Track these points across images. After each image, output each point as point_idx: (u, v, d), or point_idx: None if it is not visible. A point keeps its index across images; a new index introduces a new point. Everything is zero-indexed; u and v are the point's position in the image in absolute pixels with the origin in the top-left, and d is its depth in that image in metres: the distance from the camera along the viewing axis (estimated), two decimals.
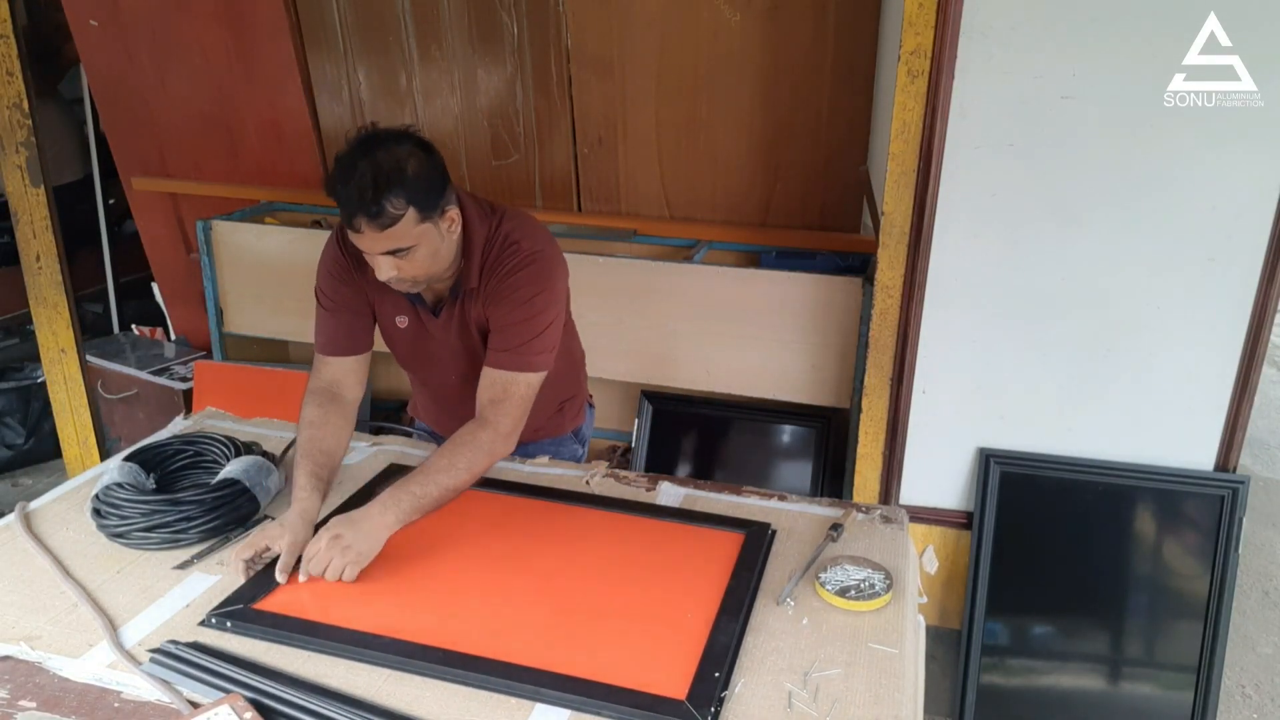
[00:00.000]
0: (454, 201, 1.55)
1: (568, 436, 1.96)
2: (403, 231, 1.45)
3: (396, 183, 1.42)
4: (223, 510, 1.50)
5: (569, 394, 1.94)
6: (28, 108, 2.39)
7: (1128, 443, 2.16)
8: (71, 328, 2.61)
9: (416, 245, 1.48)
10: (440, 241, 1.52)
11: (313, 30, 3.11)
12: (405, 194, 1.43)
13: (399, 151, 1.46)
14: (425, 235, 1.48)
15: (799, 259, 2.75)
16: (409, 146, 1.48)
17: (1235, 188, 1.93)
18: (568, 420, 1.95)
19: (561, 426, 1.94)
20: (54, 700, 1.14)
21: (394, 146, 1.47)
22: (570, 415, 1.96)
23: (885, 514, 1.61)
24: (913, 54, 1.97)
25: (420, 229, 1.47)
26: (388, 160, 1.44)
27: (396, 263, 1.50)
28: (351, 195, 1.44)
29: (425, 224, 1.48)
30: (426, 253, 1.51)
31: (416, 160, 1.46)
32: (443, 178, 1.51)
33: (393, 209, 1.43)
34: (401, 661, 1.20)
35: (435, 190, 1.48)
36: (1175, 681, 2.19)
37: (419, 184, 1.45)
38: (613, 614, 1.33)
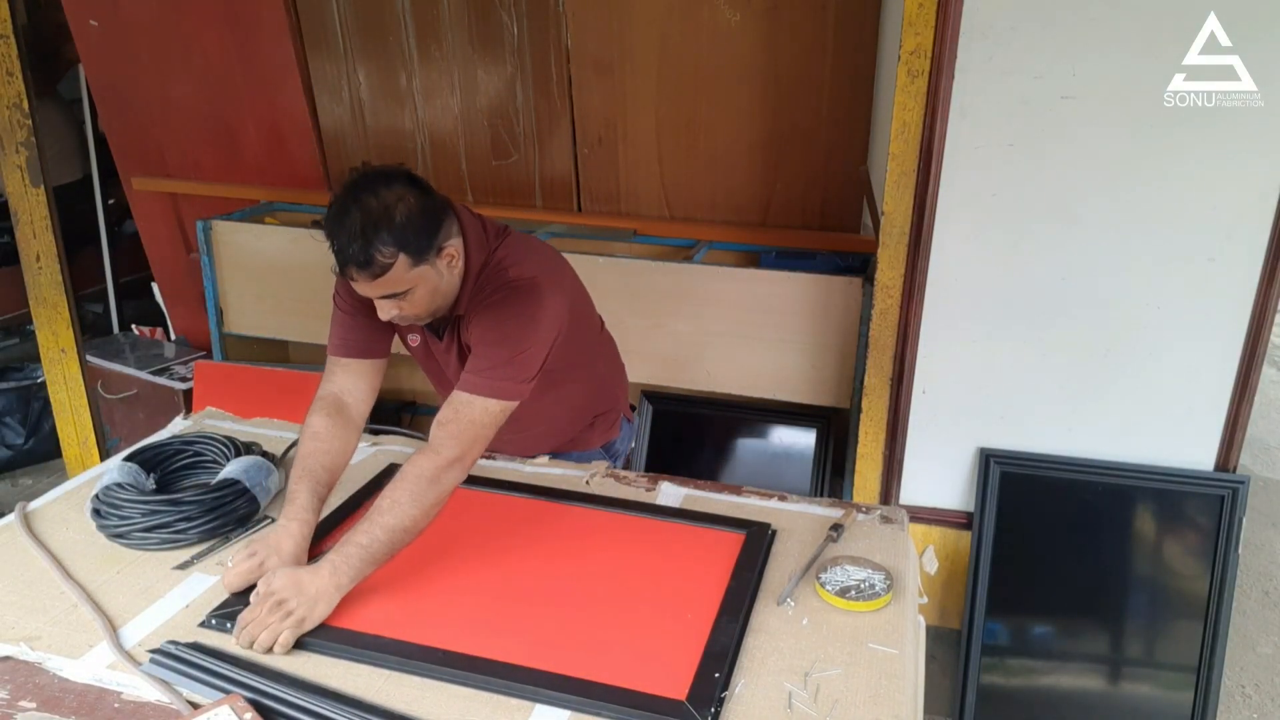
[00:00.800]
0: (454, 235, 1.51)
1: (596, 451, 1.94)
2: (395, 278, 1.43)
3: (384, 230, 1.39)
4: (223, 510, 1.50)
5: (603, 408, 1.92)
6: (28, 108, 2.39)
7: (1128, 443, 2.16)
8: (71, 328, 2.61)
9: (413, 288, 1.46)
10: (440, 279, 1.50)
11: (313, 30, 3.10)
12: (394, 242, 1.39)
13: (388, 196, 1.41)
14: (421, 277, 1.46)
15: (799, 259, 2.75)
16: (399, 188, 1.43)
17: (1235, 188, 1.93)
18: (597, 434, 1.93)
19: (590, 440, 1.92)
20: (54, 700, 1.14)
21: (383, 190, 1.42)
22: (601, 430, 1.93)
23: (885, 514, 1.61)
24: (913, 54, 1.97)
25: (415, 273, 1.45)
26: (376, 207, 1.40)
27: (397, 304, 1.48)
28: (342, 245, 1.40)
29: (420, 267, 1.45)
30: (425, 292, 1.49)
31: (406, 204, 1.42)
32: (436, 218, 1.46)
33: (382, 258, 1.39)
34: (401, 662, 1.20)
35: (428, 233, 1.44)
36: (1175, 681, 2.19)
37: (408, 230, 1.41)
38: (613, 614, 1.33)
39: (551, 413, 1.81)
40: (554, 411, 1.82)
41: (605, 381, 1.94)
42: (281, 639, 1.21)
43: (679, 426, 2.96)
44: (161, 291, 3.83)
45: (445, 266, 1.50)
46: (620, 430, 1.98)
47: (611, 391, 1.95)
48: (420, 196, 1.45)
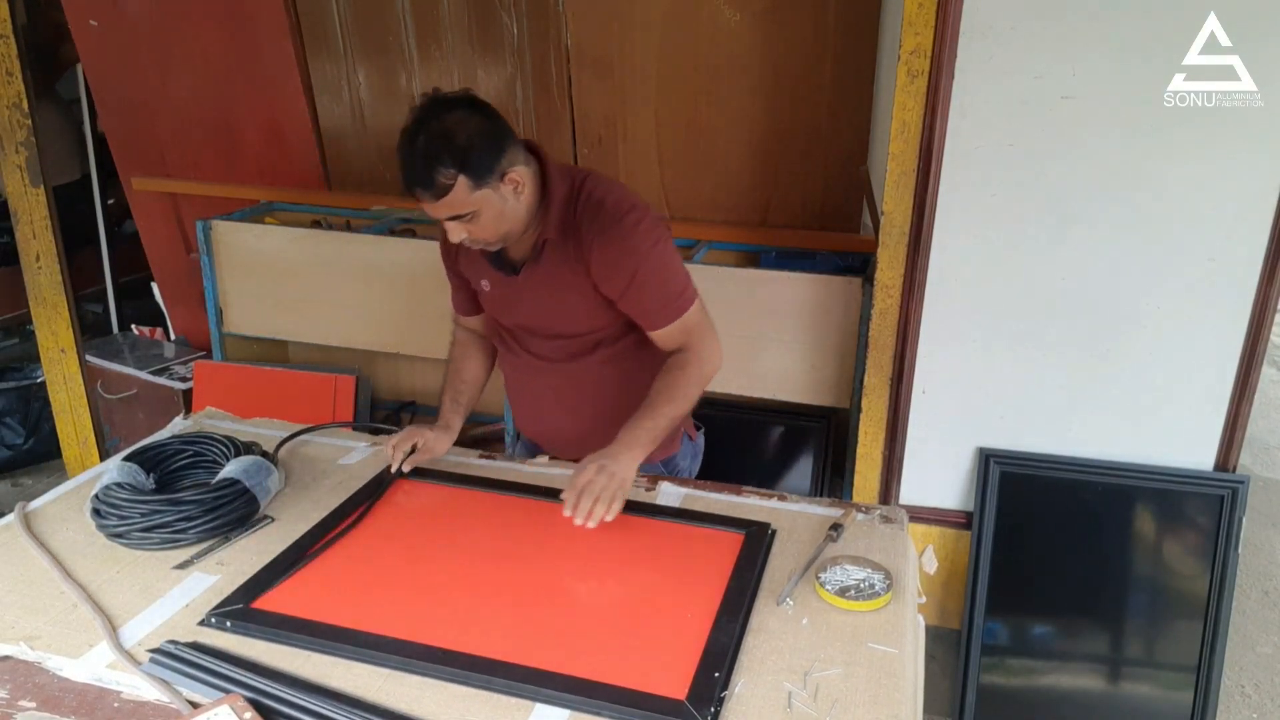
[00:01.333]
0: (520, 163, 1.55)
1: (656, 467, 1.84)
2: (458, 200, 1.48)
3: (445, 153, 1.45)
4: (223, 510, 1.50)
5: None
6: (27, 108, 2.39)
7: (1128, 443, 2.16)
8: (71, 328, 2.61)
9: (478, 211, 1.51)
10: (504, 204, 1.54)
11: (313, 30, 3.11)
12: (455, 164, 1.45)
13: (450, 120, 1.47)
14: (485, 201, 1.51)
15: (799, 259, 2.75)
16: (462, 113, 1.49)
17: (1235, 188, 1.93)
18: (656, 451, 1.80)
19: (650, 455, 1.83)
20: (54, 700, 1.14)
21: (446, 115, 1.48)
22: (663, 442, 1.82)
23: (885, 514, 1.61)
24: (913, 54, 1.97)
25: (477, 195, 1.49)
26: (438, 130, 1.46)
27: (464, 227, 1.54)
28: (406, 168, 1.48)
29: (482, 190, 1.49)
30: (491, 216, 1.53)
31: (468, 127, 1.47)
32: (498, 143, 1.51)
33: (443, 180, 1.46)
34: (401, 661, 1.20)
35: (490, 155, 1.49)
36: (1175, 681, 2.19)
37: (470, 152, 1.46)
38: (613, 614, 1.33)
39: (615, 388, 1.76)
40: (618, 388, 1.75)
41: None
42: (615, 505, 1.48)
43: None
44: (161, 291, 3.83)
45: (510, 192, 1.54)
46: (680, 445, 1.89)
47: None
48: (483, 121, 1.50)
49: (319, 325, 3.07)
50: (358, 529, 1.53)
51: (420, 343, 2.95)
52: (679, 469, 1.90)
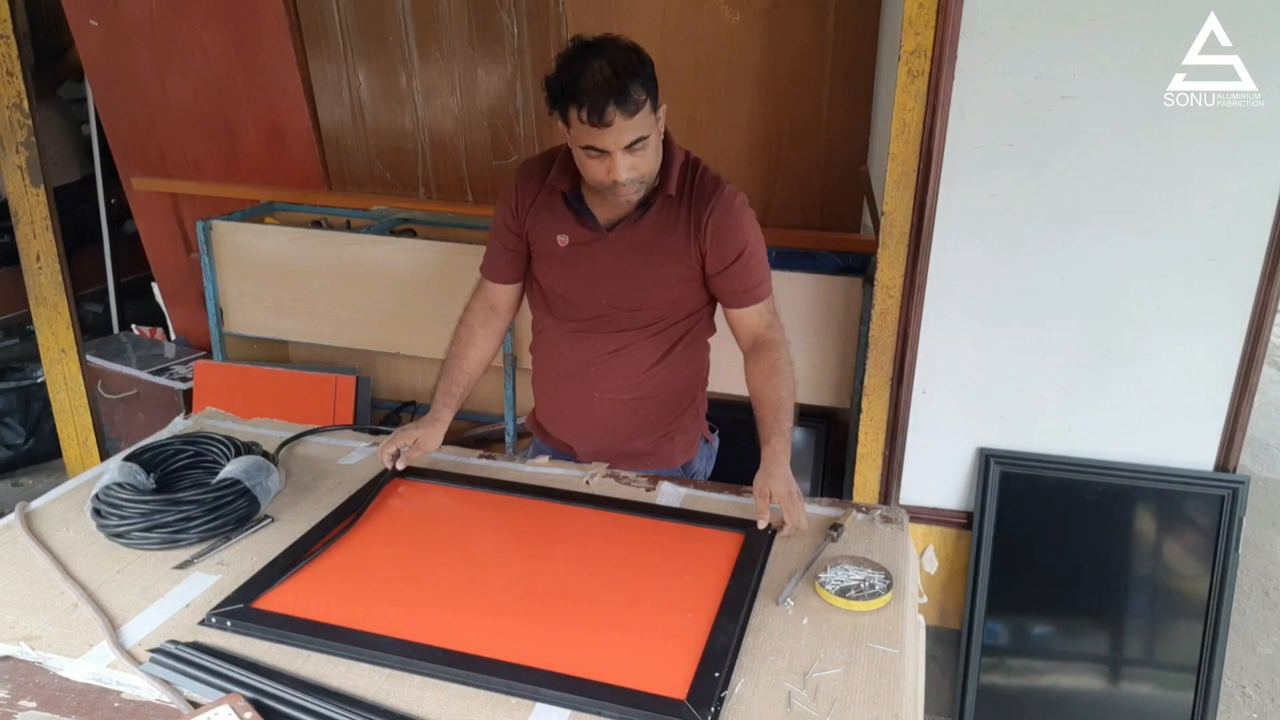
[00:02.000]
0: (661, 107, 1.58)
1: (675, 471, 1.84)
2: (643, 120, 1.50)
3: (637, 71, 1.48)
4: (223, 510, 1.50)
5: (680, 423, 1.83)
6: (28, 108, 2.39)
7: (1128, 443, 2.16)
8: (71, 328, 2.61)
9: (649, 137, 1.53)
10: (658, 138, 1.57)
11: (313, 30, 3.11)
12: (643, 83, 1.48)
13: (622, 45, 1.50)
14: (655, 127, 1.54)
15: (799, 259, 2.74)
16: (626, 44, 1.52)
17: (1235, 188, 1.93)
18: (678, 451, 1.84)
19: (671, 457, 1.83)
20: (54, 700, 1.14)
21: (621, 45, 1.51)
22: (682, 445, 1.84)
23: (885, 514, 1.60)
24: (913, 54, 1.97)
25: (652, 120, 1.52)
26: (621, 55, 1.48)
27: (633, 159, 1.53)
28: (599, 87, 1.45)
29: (654, 115, 1.53)
30: (654, 145, 1.56)
31: (639, 54, 1.51)
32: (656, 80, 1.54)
33: (637, 95, 1.47)
34: (402, 661, 1.20)
35: (655, 87, 1.53)
36: (1175, 681, 2.19)
37: (652, 79, 1.51)
38: (613, 614, 1.33)
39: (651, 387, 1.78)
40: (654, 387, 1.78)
41: (700, 383, 1.88)
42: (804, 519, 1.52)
43: None
44: (161, 291, 3.83)
45: (660, 128, 1.57)
46: (698, 449, 1.89)
47: (697, 405, 1.88)
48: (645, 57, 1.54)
49: (319, 325, 3.07)
50: (358, 529, 1.53)
51: (420, 343, 2.95)
52: (696, 473, 1.90)
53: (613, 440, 1.81)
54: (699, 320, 1.79)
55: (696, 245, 1.66)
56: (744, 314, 1.72)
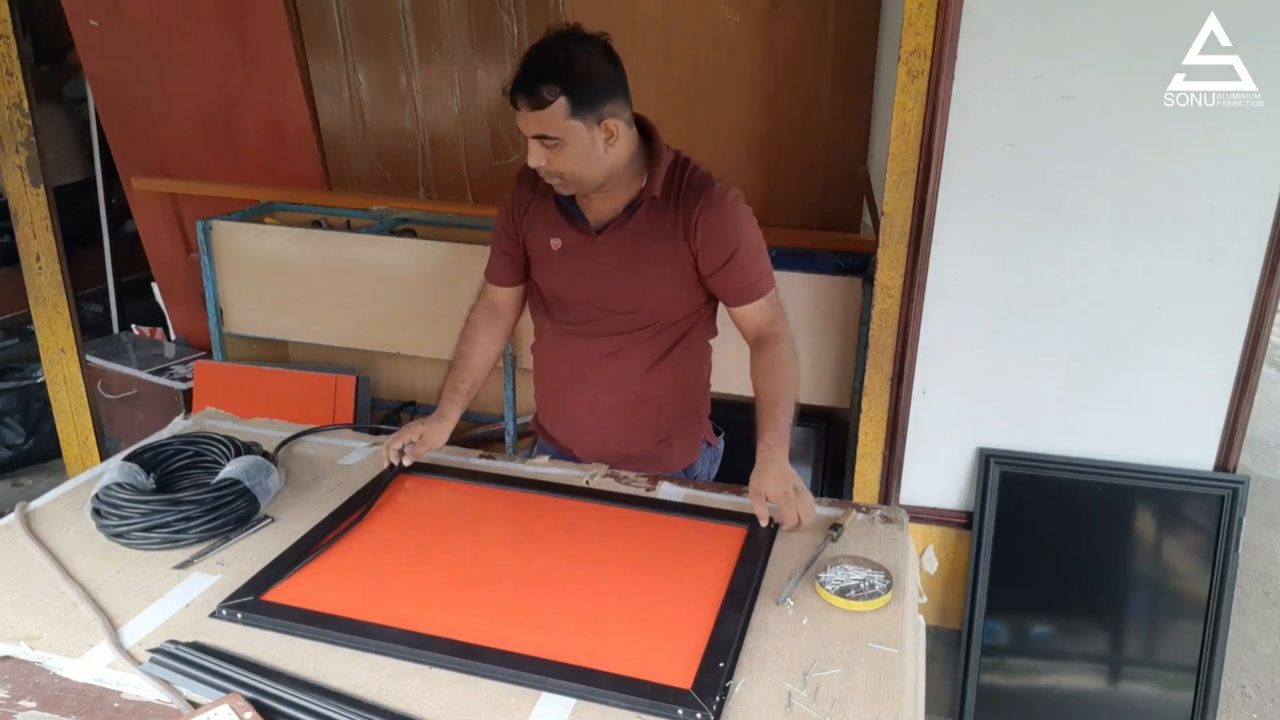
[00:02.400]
0: (621, 118, 1.57)
1: (676, 474, 1.80)
2: (551, 120, 1.51)
3: (559, 72, 1.49)
4: (223, 510, 1.50)
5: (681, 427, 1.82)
6: (28, 108, 2.39)
7: (1128, 443, 2.16)
8: (71, 328, 2.61)
9: (564, 140, 1.53)
10: (591, 148, 1.55)
11: (313, 30, 3.11)
12: (562, 85, 1.49)
13: (575, 48, 1.52)
14: (575, 133, 1.53)
15: (799, 259, 2.74)
16: (589, 48, 1.53)
17: (1235, 188, 1.93)
18: (679, 455, 1.83)
19: (671, 461, 1.82)
20: (54, 700, 1.14)
21: (574, 44, 1.53)
22: (683, 449, 1.83)
23: (885, 514, 1.60)
24: (913, 54, 1.97)
25: (570, 124, 1.51)
26: (561, 52, 1.51)
27: (546, 151, 1.55)
28: (521, 70, 1.52)
29: (576, 121, 1.52)
30: (575, 152, 1.54)
31: (589, 62, 1.52)
32: (609, 88, 1.54)
33: (546, 94, 1.49)
34: (408, 652, 1.20)
35: (597, 94, 1.52)
36: (1175, 681, 2.19)
37: (581, 81, 1.50)
38: (617, 604, 1.34)
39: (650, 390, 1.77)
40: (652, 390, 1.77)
41: (702, 386, 1.86)
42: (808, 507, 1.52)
43: None
44: (161, 291, 3.83)
45: (602, 139, 1.56)
46: (700, 453, 1.87)
47: (698, 408, 1.86)
48: (606, 64, 1.55)
49: (319, 325, 3.07)
50: (365, 523, 1.54)
51: (420, 343, 2.95)
52: (698, 476, 1.88)
53: (612, 444, 1.81)
54: (696, 323, 1.77)
55: (688, 246, 1.65)
56: (745, 311, 1.71)
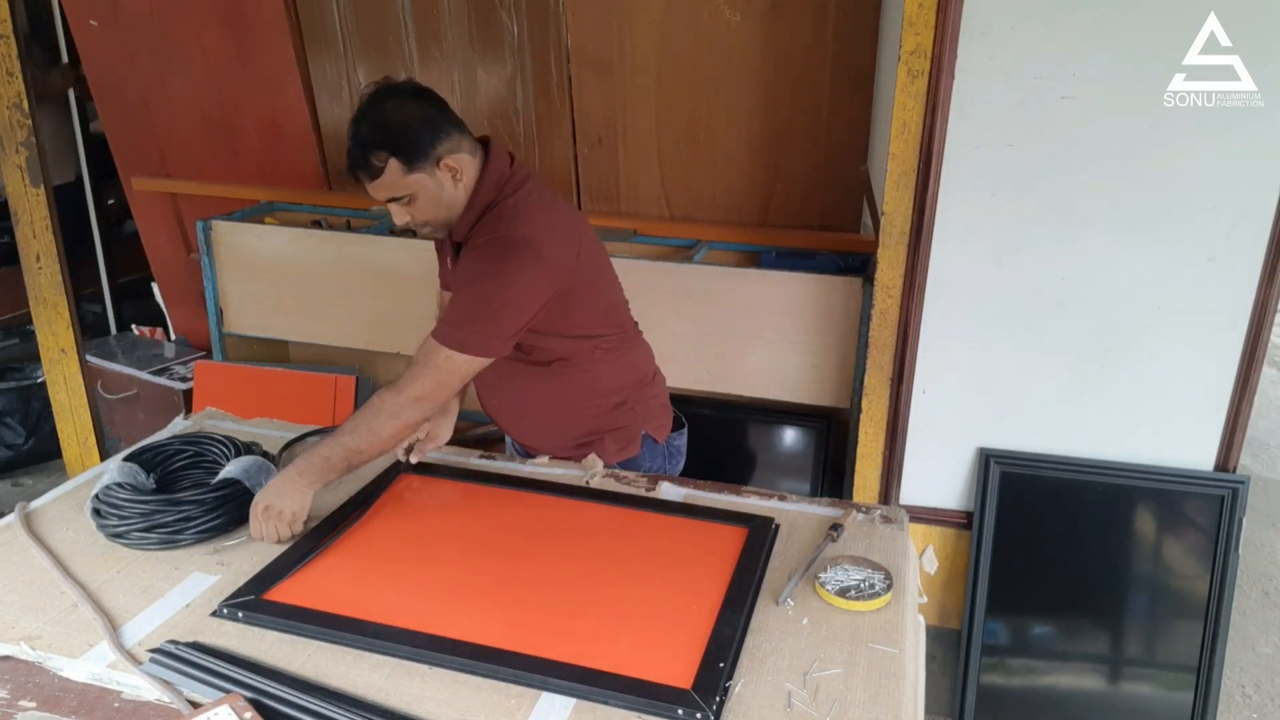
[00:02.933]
0: (461, 152, 1.59)
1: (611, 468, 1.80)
2: (391, 182, 1.54)
3: (379, 137, 1.52)
4: (223, 510, 1.50)
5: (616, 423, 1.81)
6: (28, 108, 2.39)
7: (1128, 443, 2.16)
8: (71, 328, 2.61)
9: (414, 194, 1.57)
10: (440, 190, 1.58)
11: (313, 30, 3.10)
12: (387, 147, 1.52)
13: (388, 105, 1.54)
14: (420, 185, 1.56)
15: (799, 259, 2.74)
16: (401, 100, 1.55)
17: (1235, 188, 1.93)
18: (610, 450, 1.81)
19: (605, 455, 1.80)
20: (54, 700, 1.14)
21: (385, 101, 1.54)
22: (615, 445, 1.81)
23: (885, 514, 1.61)
24: (913, 54, 1.97)
25: (411, 179, 1.55)
26: (375, 116, 1.53)
27: (404, 209, 1.59)
28: (349, 154, 1.55)
29: (416, 174, 1.55)
30: (428, 200, 1.58)
31: (405, 113, 1.53)
32: (434, 130, 1.55)
33: (376, 162, 1.52)
34: (409, 651, 1.21)
35: (423, 141, 1.54)
36: (1175, 681, 2.19)
37: (402, 137, 1.52)
38: (617, 605, 1.34)
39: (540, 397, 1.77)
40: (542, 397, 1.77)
41: (613, 388, 1.81)
42: (293, 530, 1.49)
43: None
44: (161, 291, 3.83)
45: (449, 179, 1.58)
46: (640, 449, 1.85)
47: (625, 403, 1.82)
48: (421, 107, 1.56)
49: (319, 325, 3.06)
50: (366, 523, 1.55)
51: (419, 343, 2.95)
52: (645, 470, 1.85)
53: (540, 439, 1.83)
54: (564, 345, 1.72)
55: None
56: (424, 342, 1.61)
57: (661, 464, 1.91)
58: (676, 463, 1.95)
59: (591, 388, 1.79)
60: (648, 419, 1.86)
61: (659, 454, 1.90)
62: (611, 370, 1.80)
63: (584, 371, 1.77)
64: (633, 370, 1.86)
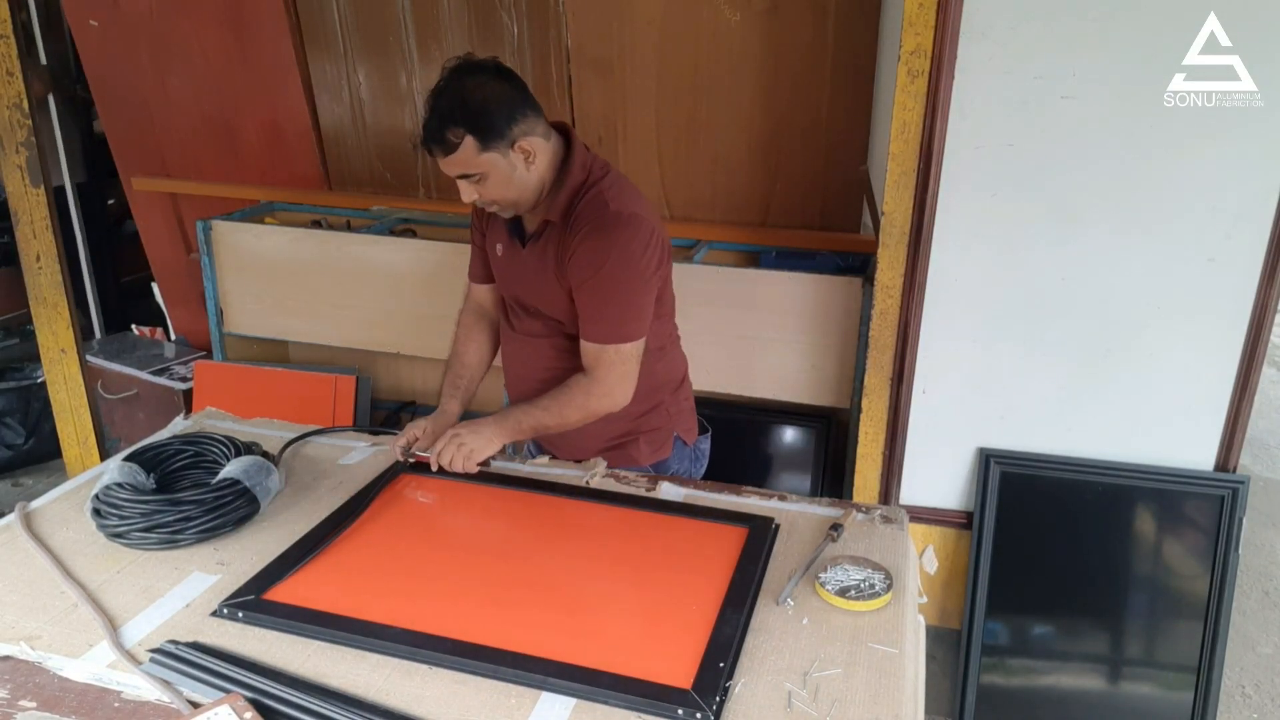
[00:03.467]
0: (537, 134, 1.59)
1: (645, 469, 1.82)
2: (465, 159, 1.54)
3: (458, 113, 1.52)
4: (223, 510, 1.50)
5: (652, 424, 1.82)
6: (28, 108, 2.39)
7: (1128, 443, 2.16)
8: (71, 328, 2.61)
9: (486, 173, 1.57)
10: (513, 171, 1.58)
11: (313, 30, 3.11)
12: (465, 124, 1.52)
13: (469, 83, 1.53)
14: (493, 164, 1.56)
15: (799, 259, 2.74)
16: (483, 78, 1.54)
17: (1235, 188, 1.93)
18: (644, 452, 1.83)
19: (639, 456, 1.82)
20: (54, 700, 1.14)
21: (467, 78, 1.54)
22: (649, 446, 1.83)
23: (885, 514, 1.60)
24: (913, 54, 1.97)
25: (485, 158, 1.55)
26: (456, 92, 1.53)
27: (473, 187, 1.59)
28: (424, 125, 1.55)
29: (490, 153, 1.55)
30: (499, 180, 1.58)
31: (485, 92, 1.53)
32: (512, 110, 1.55)
33: (452, 138, 1.52)
34: (410, 651, 1.21)
35: (501, 121, 1.54)
36: (1175, 681, 2.19)
37: (481, 115, 1.52)
38: (617, 604, 1.34)
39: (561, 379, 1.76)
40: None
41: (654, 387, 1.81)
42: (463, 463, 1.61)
43: None
44: (161, 291, 3.83)
45: (521, 161, 1.58)
46: (672, 450, 1.87)
47: (661, 405, 1.84)
48: (502, 87, 1.56)
49: (319, 325, 3.07)
50: (366, 523, 1.54)
51: (420, 343, 2.95)
52: (673, 473, 1.87)
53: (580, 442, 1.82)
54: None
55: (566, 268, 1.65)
56: (582, 346, 1.68)
57: (689, 467, 1.92)
58: (701, 466, 1.96)
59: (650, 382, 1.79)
60: (679, 420, 1.89)
61: (686, 456, 1.91)
62: (657, 370, 1.82)
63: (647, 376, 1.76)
64: (673, 371, 1.89)
